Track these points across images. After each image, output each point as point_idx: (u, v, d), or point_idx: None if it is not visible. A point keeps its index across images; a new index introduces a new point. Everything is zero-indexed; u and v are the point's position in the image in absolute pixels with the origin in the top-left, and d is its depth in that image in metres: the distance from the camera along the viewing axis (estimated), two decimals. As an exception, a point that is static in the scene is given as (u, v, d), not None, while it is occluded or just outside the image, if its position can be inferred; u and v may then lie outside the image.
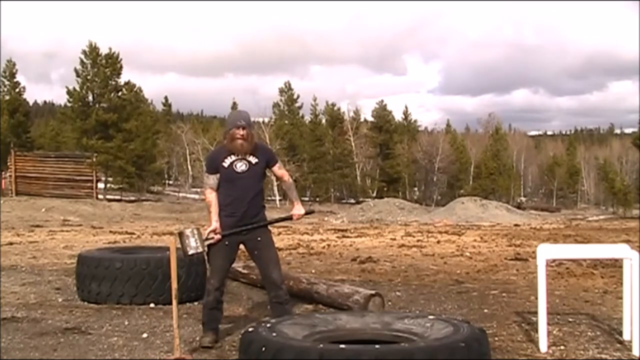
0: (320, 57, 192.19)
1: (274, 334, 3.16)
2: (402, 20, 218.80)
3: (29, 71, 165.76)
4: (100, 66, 36.27)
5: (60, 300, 6.68)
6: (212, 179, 4.70)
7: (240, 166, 4.65)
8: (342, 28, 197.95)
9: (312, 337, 3.30)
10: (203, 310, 4.80)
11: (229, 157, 4.65)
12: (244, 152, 4.63)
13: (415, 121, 67.27)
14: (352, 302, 5.74)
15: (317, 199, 48.91)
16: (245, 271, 7.37)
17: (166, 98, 66.50)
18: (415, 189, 60.42)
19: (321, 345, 3.00)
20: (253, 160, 4.67)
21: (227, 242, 4.70)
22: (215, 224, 4.64)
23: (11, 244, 12.75)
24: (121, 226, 19.98)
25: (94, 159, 33.64)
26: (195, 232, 4.57)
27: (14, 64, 41.41)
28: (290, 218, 5.01)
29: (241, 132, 4.56)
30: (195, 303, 6.21)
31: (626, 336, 4.74)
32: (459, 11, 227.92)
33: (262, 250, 4.76)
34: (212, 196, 4.69)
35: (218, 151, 4.86)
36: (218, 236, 4.63)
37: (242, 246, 4.86)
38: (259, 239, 4.73)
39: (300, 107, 57.19)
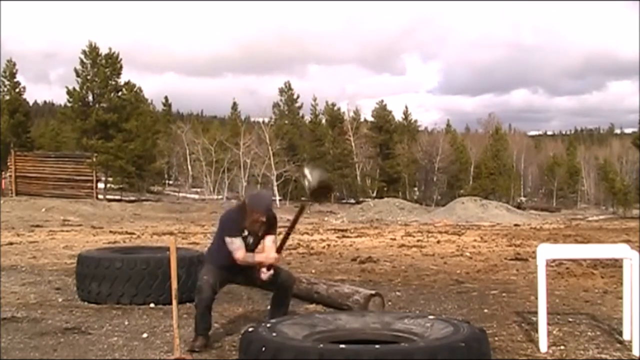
0: (318, 57, 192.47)
1: (274, 334, 3.16)
2: (401, 20, 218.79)
3: (27, 71, 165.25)
4: (100, 66, 36.22)
5: (60, 300, 6.68)
6: (239, 242, 4.70)
7: (249, 240, 4.79)
8: (341, 28, 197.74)
9: (312, 337, 3.30)
10: (195, 311, 4.73)
11: (244, 230, 4.77)
12: (258, 232, 4.79)
13: (415, 121, 67.22)
14: (352, 302, 5.74)
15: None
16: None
17: (166, 98, 66.38)
18: (415, 189, 60.33)
19: (321, 345, 3.00)
20: (260, 234, 4.83)
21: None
22: (267, 253, 4.75)
23: (11, 244, 12.75)
24: (121, 226, 19.98)
25: (94, 159, 33.62)
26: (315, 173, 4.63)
27: (14, 64, 41.38)
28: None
29: (262, 219, 4.72)
30: (194, 304, 6.19)
31: (626, 336, 4.74)
32: (458, 11, 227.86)
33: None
34: (244, 252, 4.70)
35: (237, 218, 4.79)
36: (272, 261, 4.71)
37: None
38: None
39: (300, 107, 57.16)
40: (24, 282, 7.82)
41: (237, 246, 4.68)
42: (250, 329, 3.33)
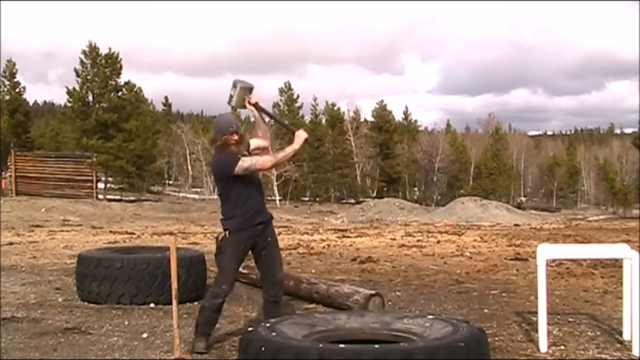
0: (318, 57, 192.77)
1: (274, 334, 3.16)
2: (400, 20, 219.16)
3: (26, 71, 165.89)
4: (100, 66, 36.23)
5: (60, 300, 6.68)
6: (249, 158, 4.61)
7: None
8: (340, 28, 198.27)
9: (311, 337, 3.30)
10: (202, 312, 4.66)
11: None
12: (241, 154, 4.66)
13: (415, 121, 67.26)
14: (352, 302, 5.74)
15: (317, 199, 48.88)
16: (245, 271, 7.36)
17: (166, 98, 66.54)
18: (415, 189, 60.39)
19: (321, 345, 3.00)
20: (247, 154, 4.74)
21: (242, 246, 4.67)
22: (297, 140, 4.73)
23: (11, 244, 12.75)
24: (121, 226, 19.98)
25: (94, 159, 33.62)
26: (240, 90, 4.78)
27: (14, 64, 41.40)
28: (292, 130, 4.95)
29: (235, 137, 4.63)
30: (195, 303, 6.19)
31: (626, 336, 4.74)
32: (457, 11, 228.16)
33: (270, 249, 4.78)
34: (267, 157, 4.73)
35: (223, 152, 4.67)
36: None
37: None
38: (269, 239, 4.77)
39: (300, 107, 57.16)
40: (24, 282, 7.81)
41: (254, 160, 4.60)
42: (250, 329, 3.33)
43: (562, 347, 4.67)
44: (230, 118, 4.85)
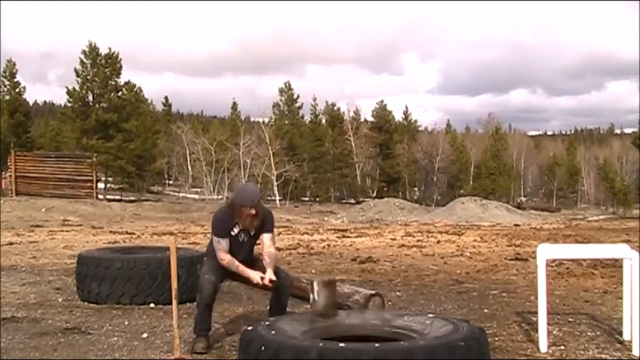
0: (317, 57, 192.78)
1: (273, 333, 3.16)
2: (399, 20, 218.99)
3: (25, 71, 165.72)
4: (100, 66, 36.22)
5: (60, 300, 6.68)
6: (225, 243, 4.67)
7: (243, 237, 4.75)
8: (340, 28, 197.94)
9: (310, 334, 3.30)
10: (197, 309, 4.72)
11: (236, 227, 4.71)
12: (251, 228, 4.72)
13: (415, 121, 67.20)
14: (352, 302, 5.74)
15: (317, 199, 48.88)
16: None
17: (166, 98, 66.54)
18: (415, 189, 60.34)
19: (321, 344, 3.00)
20: (252, 232, 4.77)
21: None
22: (255, 274, 4.62)
23: (11, 244, 12.75)
24: (121, 226, 19.98)
25: (94, 159, 33.62)
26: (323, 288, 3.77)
27: (14, 64, 41.38)
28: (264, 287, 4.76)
29: (252, 211, 4.61)
30: (195, 303, 6.19)
31: (626, 336, 4.74)
32: (457, 11, 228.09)
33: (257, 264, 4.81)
34: (229, 256, 4.67)
35: (227, 218, 4.72)
36: (269, 279, 4.59)
37: None
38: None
39: (300, 107, 57.16)
40: (24, 282, 7.82)
41: (222, 247, 4.67)
42: (250, 328, 3.33)
43: (562, 347, 4.67)
44: (255, 194, 4.69)
